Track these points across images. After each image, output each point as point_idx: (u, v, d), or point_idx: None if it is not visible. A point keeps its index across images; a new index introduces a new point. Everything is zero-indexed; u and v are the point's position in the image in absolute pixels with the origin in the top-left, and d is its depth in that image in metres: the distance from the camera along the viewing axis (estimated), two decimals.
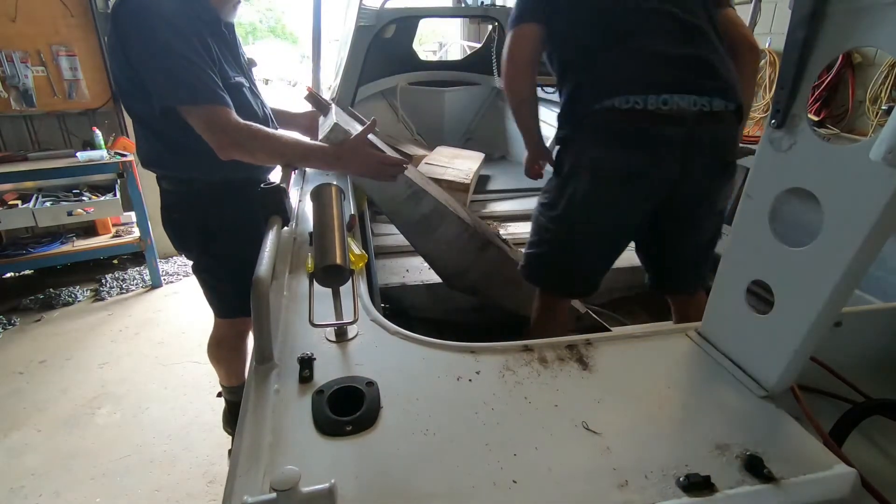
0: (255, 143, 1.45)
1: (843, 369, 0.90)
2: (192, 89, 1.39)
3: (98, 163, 3.51)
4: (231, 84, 1.54)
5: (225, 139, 1.44)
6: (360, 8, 2.83)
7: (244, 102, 1.59)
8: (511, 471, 0.69)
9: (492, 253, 1.54)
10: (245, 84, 1.61)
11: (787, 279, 0.76)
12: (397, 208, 1.46)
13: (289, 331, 0.99)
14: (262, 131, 1.47)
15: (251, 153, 1.47)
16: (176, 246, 1.82)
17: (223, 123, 1.42)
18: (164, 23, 1.38)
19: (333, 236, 1.03)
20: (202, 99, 1.40)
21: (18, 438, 2.37)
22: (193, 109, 1.41)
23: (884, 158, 0.59)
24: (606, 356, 0.92)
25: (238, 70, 1.62)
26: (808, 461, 0.69)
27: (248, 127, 1.44)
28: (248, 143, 1.45)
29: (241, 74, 1.63)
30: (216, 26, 1.54)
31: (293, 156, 1.51)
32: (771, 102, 0.77)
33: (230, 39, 1.63)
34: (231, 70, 1.57)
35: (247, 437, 0.73)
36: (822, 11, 0.67)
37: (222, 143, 1.45)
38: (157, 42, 1.38)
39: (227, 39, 1.60)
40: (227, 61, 1.56)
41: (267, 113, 1.74)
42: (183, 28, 1.40)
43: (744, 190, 0.83)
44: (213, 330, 1.99)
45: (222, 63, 1.52)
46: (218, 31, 1.55)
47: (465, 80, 4.12)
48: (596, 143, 1.38)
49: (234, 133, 1.43)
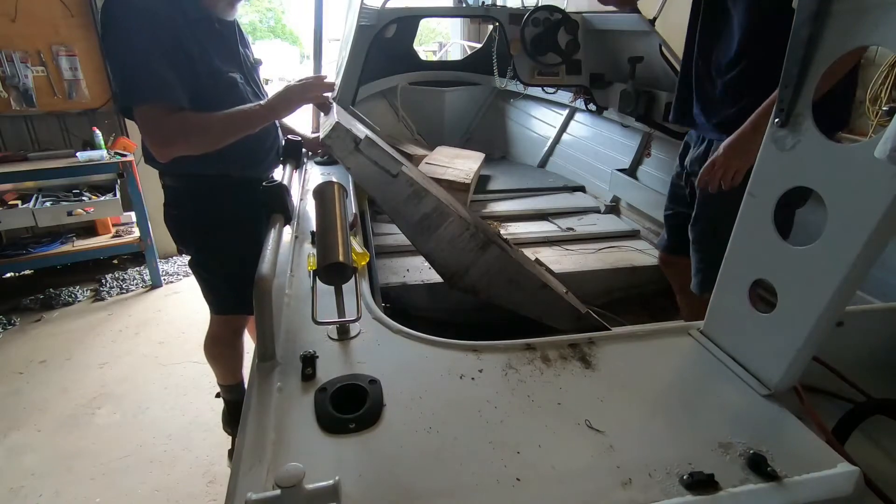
0: (186, 134, 1.44)
1: (845, 369, 0.90)
2: (140, 90, 1.38)
3: (98, 163, 3.50)
4: (225, 79, 1.53)
5: (153, 140, 1.43)
6: (361, 8, 2.83)
7: (238, 99, 1.57)
8: (514, 469, 0.69)
9: (493, 253, 1.53)
10: (240, 81, 1.60)
11: (790, 278, 0.76)
12: (398, 207, 1.46)
13: (291, 329, 0.99)
14: (190, 119, 1.44)
15: (185, 143, 1.46)
16: (175, 242, 1.83)
17: (153, 123, 1.41)
18: (130, 18, 1.37)
19: (336, 234, 1.03)
20: (139, 99, 1.39)
21: (18, 438, 2.36)
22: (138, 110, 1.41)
23: (888, 156, 0.59)
24: (609, 355, 0.92)
25: (234, 67, 1.61)
26: (811, 460, 0.69)
27: (179, 119, 1.42)
28: (177, 136, 1.43)
29: (238, 72, 1.62)
30: (206, 24, 1.53)
31: (231, 128, 1.50)
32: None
33: (227, 37, 1.62)
34: (225, 65, 1.55)
35: (250, 435, 0.73)
36: (827, 10, 0.67)
37: (153, 144, 1.44)
38: (117, 39, 1.39)
39: (223, 36, 1.59)
40: (220, 57, 1.55)
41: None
42: (152, 23, 1.38)
43: (747, 188, 0.83)
44: (208, 327, 1.99)
45: (212, 59, 1.50)
46: (207, 28, 1.53)
47: (465, 80, 4.11)
48: None
49: (161, 131, 1.42)
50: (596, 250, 2.46)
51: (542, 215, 2.91)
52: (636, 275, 2.31)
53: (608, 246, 2.51)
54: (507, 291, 1.59)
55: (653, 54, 2.66)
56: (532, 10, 2.88)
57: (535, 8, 2.89)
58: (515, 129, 4.08)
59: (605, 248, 2.48)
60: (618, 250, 2.46)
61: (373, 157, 1.40)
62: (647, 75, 2.68)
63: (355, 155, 1.40)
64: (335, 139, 1.42)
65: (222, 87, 1.53)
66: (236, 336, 1.99)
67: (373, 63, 3.05)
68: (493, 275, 1.55)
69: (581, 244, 2.55)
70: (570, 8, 3.05)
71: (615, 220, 2.83)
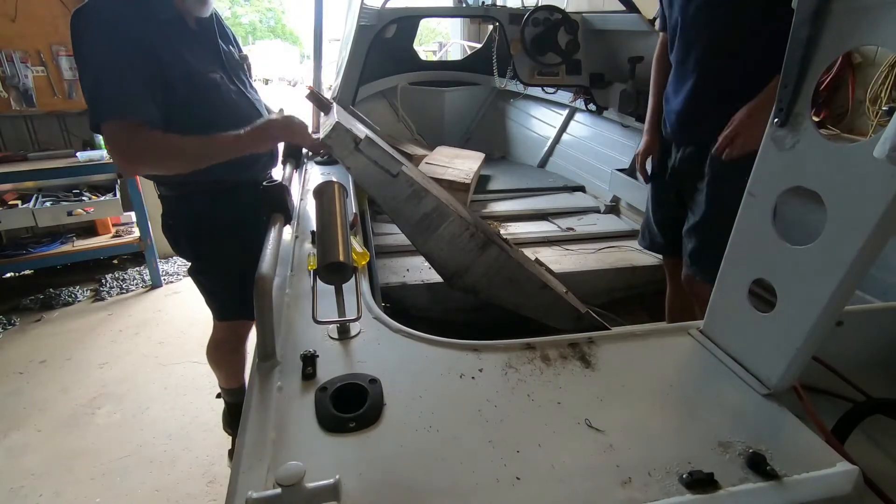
0: (154, 155, 1.41)
1: (844, 368, 0.90)
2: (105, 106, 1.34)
3: (98, 163, 3.50)
4: (204, 80, 1.49)
5: (120, 158, 1.41)
6: (362, 8, 2.83)
7: (218, 100, 1.54)
8: (514, 468, 0.69)
9: (492, 253, 1.53)
10: (222, 81, 1.55)
11: (789, 278, 0.76)
12: (398, 207, 1.46)
13: (291, 328, 0.99)
14: (160, 140, 1.39)
15: (153, 163, 1.44)
16: (174, 250, 1.81)
17: (121, 141, 1.37)
18: (95, 32, 1.34)
19: (337, 233, 1.03)
20: (104, 115, 1.35)
21: (18, 438, 2.36)
22: (104, 126, 1.37)
23: (888, 156, 0.59)
24: (609, 354, 0.92)
25: (215, 67, 1.56)
26: (810, 459, 0.69)
27: (149, 138, 1.38)
28: (144, 156, 1.41)
29: (220, 71, 1.56)
30: (179, 25, 1.48)
31: (205, 156, 1.46)
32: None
33: (205, 35, 1.56)
34: (203, 66, 1.50)
35: (250, 434, 0.73)
36: (826, 10, 0.67)
37: (120, 163, 1.42)
38: (83, 55, 1.36)
39: (200, 36, 1.54)
40: (198, 58, 1.50)
41: (259, 111, 1.70)
42: (118, 35, 1.34)
43: (747, 188, 0.83)
44: (212, 333, 1.99)
45: (187, 62, 1.46)
46: (181, 29, 1.49)
47: (465, 80, 4.12)
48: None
49: (129, 150, 1.38)
50: (596, 250, 2.47)
51: (542, 215, 2.91)
52: (636, 275, 2.31)
53: (608, 246, 2.51)
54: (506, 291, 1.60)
55: (653, 54, 2.65)
56: (532, 10, 2.89)
57: (535, 8, 2.90)
58: (515, 129, 4.09)
59: (605, 248, 2.48)
60: (618, 250, 2.46)
61: (373, 157, 1.40)
62: (647, 75, 2.66)
63: (355, 155, 1.40)
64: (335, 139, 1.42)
65: (202, 90, 1.48)
66: (240, 342, 1.98)
67: (373, 63, 3.05)
68: (492, 274, 1.55)
69: (581, 244, 2.55)
70: (570, 8, 3.05)
71: (615, 220, 2.84)
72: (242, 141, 1.50)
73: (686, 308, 1.94)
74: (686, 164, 1.72)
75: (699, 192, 1.69)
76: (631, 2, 2.80)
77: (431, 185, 1.72)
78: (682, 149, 1.73)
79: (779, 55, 0.73)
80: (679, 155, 1.75)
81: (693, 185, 1.73)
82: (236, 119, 1.55)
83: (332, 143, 1.40)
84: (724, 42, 1.55)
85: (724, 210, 1.59)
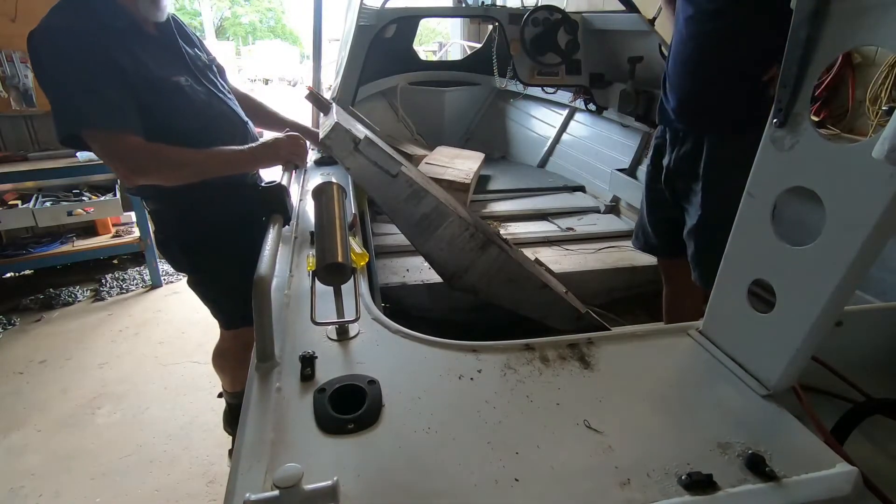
0: (158, 164, 1.42)
1: (844, 369, 0.90)
2: (85, 114, 1.33)
3: (98, 163, 3.48)
4: (168, 85, 1.46)
5: (122, 168, 1.40)
6: (361, 8, 2.83)
7: (184, 104, 1.50)
8: (513, 469, 0.69)
9: (492, 253, 1.53)
10: (187, 84, 1.51)
11: (788, 278, 0.76)
12: (398, 207, 1.46)
13: (290, 329, 0.99)
14: (163, 151, 1.41)
15: (158, 174, 1.44)
16: (173, 266, 1.81)
17: (120, 151, 1.38)
18: (55, 48, 1.32)
19: (335, 234, 1.03)
20: (96, 123, 1.34)
21: (18, 438, 2.36)
22: (91, 134, 1.37)
23: (887, 157, 0.59)
24: (608, 355, 0.92)
25: (179, 70, 1.52)
26: (809, 460, 0.69)
27: (147, 149, 1.39)
28: (149, 166, 1.41)
29: (185, 74, 1.53)
30: (135, 31, 1.45)
31: (209, 169, 1.49)
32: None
33: (165, 39, 1.53)
34: (166, 70, 1.48)
35: (248, 435, 0.73)
36: (825, 10, 0.67)
37: (121, 172, 1.41)
38: (49, 70, 1.34)
39: (159, 40, 1.51)
40: (160, 63, 1.47)
41: (235, 111, 1.67)
42: (79, 48, 1.32)
43: (746, 188, 0.83)
44: (218, 341, 1.98)
45: (148, 67, 1.43)
46: (137, 35, 1.45)
47: (465, 80, 4.12)
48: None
49: (132, 160, 1.39)
50: (596, 250, 2.47)
51: (542, 215, 2.91)
52: (636, 275, 2.31)
53: (608, 246, 2.51)
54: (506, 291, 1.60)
55: (653, 54, 2.66)
56: (532, 10, 2.89)
57: (534, 8, 2.90)
58: (515, 129, 4.08)
59: (604, 248, 2.48)
60: (617, 250, 2.46)
61: (372, 158, 1.40)
62: (646, 75, 2.68)
63: (355, 155, 1.40)
64: (334, 139, 1.42)
65: (166, 95, 1.46)
66: (245, 350, 1.95)
67: (373, 63, 3.05)
68: (492, 275, 1.55)
69: (581, 244, 2.55)
70: (570, 8, 3.06)
71: (615, 220, 2.84)
72: (249, 157, 1.54)
73: (683, 310, 1.94)
74: (681, 163, 1.71)
75: (694, 195, 1.68)
76: (631, 2, 2.80)
77: (431, 186, 1.72)
78: (678, 148, 1.72)
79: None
80: (674, 155, 1.74)
81: (687, 186, 1.71)
82: (207, 121, 1.55)
83: (331, 144, 1.40)
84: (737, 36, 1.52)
85: (718, 213, 1.59)
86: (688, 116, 1.68)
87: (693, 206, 1.70)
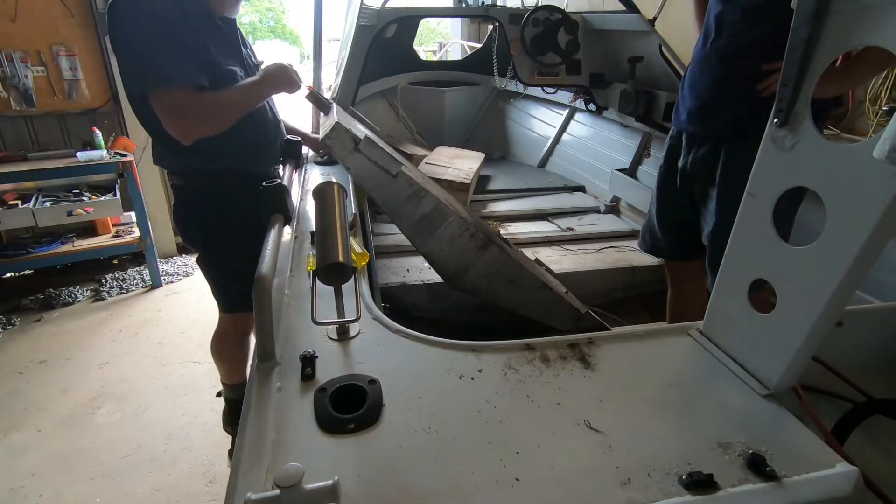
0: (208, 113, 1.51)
1: (844, 369, 0.90)
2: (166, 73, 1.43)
3: (98, 163, 3.50)
4: (224, 70, 1.57)
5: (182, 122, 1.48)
6: (361, 8, 2.83)
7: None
8: (513, 469, 0.69)
9: (493, 253, 1.53)
10: (240, 75, 1.63)
11: (789, 278, 0.76)
12: (398, 207, 1.46)
13: (291, 329, 0.99)
14: (207, 99, 1.50)
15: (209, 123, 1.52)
16: (183, 240, 1.86)
17: (178, 105, 1.46)
18: (137, 12, 1.43)
19: (336, 234, 1.03)
20: (157, 81, 1.44)
21: (18, 438, 2.36)
22: (164, 91, 1.45)
23: (888, 157, 0.59)
24: (609, 355, 0.92)
25: (234, 62, 1.64)
26: (810, 460, 0.69)
27: (199, 99, 1.48)
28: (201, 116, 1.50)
29: (239, 66, 1.65)
30: (207, 19, 1.56)
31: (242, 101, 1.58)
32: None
33: (228, 34, 1.65)
34: (225, 59, 1.59)
35: (249, 435, 0.73)
36: (826, 10, 0.67)
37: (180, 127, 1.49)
38: (127, 31, 1.44)
39: (224, 33, 1.63)
40: (221, 51, 1.59)
41: (272, 108, 1.77)
42: (157, 13, 1.43)
43: (746, 188, 0.83)
44: (217, 326, 2.00)
45: (211, 51, 1.54)
46: (208, 24, 1.57)
47: (465, 80, 4.12)
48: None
49: (189, 112, 1.47)
50: (596, 250, 2.47)
51: (542, 215, 2.91)
52: (636, 275, 2.31)
53: (608, 246, 2.51)
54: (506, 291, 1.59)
55: (653, 54, 2.66)
56: (532, 10, 2.88)
57: (534, 8, 2.89)
58: (515, 129, 4.08)
59: (604, 248, 2.48)
60: (618, 250, 2.46)
61: (372, 157, 1.40)
62: (646, 75, 2.68)
63: (355, 155, 1.40)
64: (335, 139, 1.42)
65: (220, 79, 1.55)
66: (244, 335, 2.00)
67: (373, 63, 3.04)
68: (492, 275, 1.55)
69: (581, 244, 2.55)
70: (570, 8, 3.05)
71: (615, 220, 2.84)
72: (263, 79, 1.62)
73: (689, 314, 1.92)
74: (698, 166, 1.68)
75: (710, 199, 1.65)
76: (631, 2, 2.80)
77: (431, 186, 1.72)
78: (695, 150, 1.68)
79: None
80: (691, 157, 1.70)
81: (704, 189, 1.68)
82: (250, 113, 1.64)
83: (331, 144, 1.40)
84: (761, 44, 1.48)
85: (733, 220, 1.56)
86: (707, 120, 1.64)
87: (709, 210, 1.66)
